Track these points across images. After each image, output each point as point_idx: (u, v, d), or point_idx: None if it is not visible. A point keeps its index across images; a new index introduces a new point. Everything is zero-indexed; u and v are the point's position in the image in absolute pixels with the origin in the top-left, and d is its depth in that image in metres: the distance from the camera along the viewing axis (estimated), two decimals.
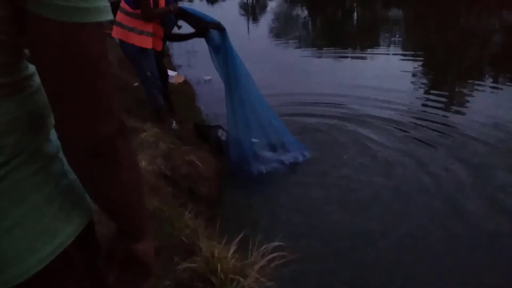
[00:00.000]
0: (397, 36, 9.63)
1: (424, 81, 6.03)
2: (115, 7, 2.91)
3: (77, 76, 0.50)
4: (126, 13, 3.21)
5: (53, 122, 0.59)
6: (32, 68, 0.57)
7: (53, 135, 0.62)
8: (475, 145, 3.79)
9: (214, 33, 3.34)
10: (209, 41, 3.37)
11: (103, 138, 0.54)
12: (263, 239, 2.01)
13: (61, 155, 0.61)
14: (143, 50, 3.30)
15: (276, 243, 1.97)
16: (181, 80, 5.51)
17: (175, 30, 3.78)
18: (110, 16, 0.52)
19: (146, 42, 3.26)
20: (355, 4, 15.63)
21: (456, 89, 5.37)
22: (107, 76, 0.54)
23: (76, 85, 0.50)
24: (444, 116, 4.56)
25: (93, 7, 0.49)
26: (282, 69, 6.60)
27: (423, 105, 4.91)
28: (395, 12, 12.19)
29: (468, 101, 4.99)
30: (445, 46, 7.81)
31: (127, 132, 0.61)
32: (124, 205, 0.64)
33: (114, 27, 3.30)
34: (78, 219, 0.63)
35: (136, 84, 4.31)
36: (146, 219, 0.72)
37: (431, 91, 5.41)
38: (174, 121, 3.94)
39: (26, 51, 0.55)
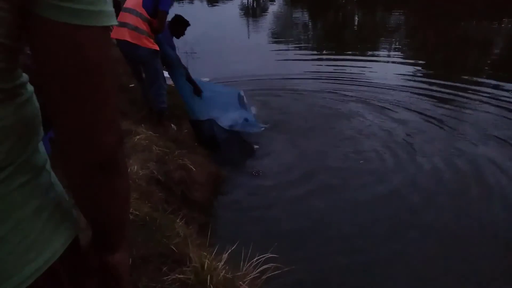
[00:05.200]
0: (397, 40, 9.61)
1: (421, 84, 6.01)
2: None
3: (84, 79, 0.49)
4: (144, 18, 3.25)
5: (42, 133, 0.58)
6: (25, 76, 0.56)
7: (41, 146, 0.60)
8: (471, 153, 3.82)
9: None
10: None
11: (107, 150, 0.54)
12: (255, 250, 1.95)
13: (48, 167, 0.61)
14: (156, 52, 3.40)
15: (269, 254, 1.91)
16: None
17: None
18: (115, 21, 0.52)
19: (155, 46, 3.39)
20: (356, 9, 15.65)
21: (454, 98, 5.35)
22: (113, 79, 0.53)
23: (82, 89, 0.49)
24: (441, 121, 4.56)
25: (103, 11, 0.49)
26: (279, 69, 6.61)
27: (419, 112, 4.90)
28: (395, 17, 12.18)
29: (467, 108, 4.96)
30: (445, 51, 7.80)
31: (123, 140, 0.59)
32: (114, 215, 0.64)
33: (127, 30, 3.24)
34: (66, 233, 0.61)
35: (132, 85, 4.25)
36: (127, 230, 0.71)
37: (428, 94, 5.45)
38: (172, 125, 3.90)
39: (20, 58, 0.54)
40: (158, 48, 3.39)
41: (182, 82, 3.83)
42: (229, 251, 1.90)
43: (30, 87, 0.57)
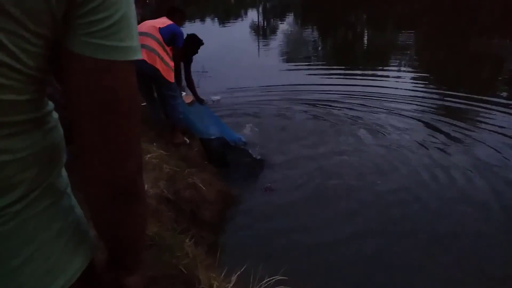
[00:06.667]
0: (407, 59, 9.60)
1: (432, 101, 5.97)
2: None
3: (112, 110, 0.51)
4: (159, 43, 3.38)
5: (65, 158, 0.61)
6: (50, 104, 0.59)
7: (63, 171, 0.63)
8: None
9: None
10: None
11: (129, 176, 0.56)
12: (265, 271, 1.92)
13: (69, 190, 0.63)
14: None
15: (279, 276, 1.88)
16: (189, 100, 5.50)
17: None
18: (140, 55, 0.53)
19: (170, 76, 3.49)
20: (365, 28, 15.76)
21: (464, 115, 5.29)
22: (138, 112, 0.55)
23: (109, 120, 0.51)
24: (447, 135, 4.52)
25: (131, 46, 0.51)
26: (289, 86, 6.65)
27: (430, 126, 4.86)
28: (405, 35, 12.20)
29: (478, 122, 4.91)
30: (455, 69, 7.76)
31: (142, 167, 0.61)
32: (131, 239, 0.65)
33: (145, 50, 3.31)
34: (84, 255, 0.63)
35: (144, 104, 4.30)
36: (143, 253, 0.73)
37: (438, 111, 5.40)
38: (185, 138, 3.97)
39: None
40: (172, 81, 3.50)
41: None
42: (238, 272, 1.88)
43: (55, 115, 0.60)
